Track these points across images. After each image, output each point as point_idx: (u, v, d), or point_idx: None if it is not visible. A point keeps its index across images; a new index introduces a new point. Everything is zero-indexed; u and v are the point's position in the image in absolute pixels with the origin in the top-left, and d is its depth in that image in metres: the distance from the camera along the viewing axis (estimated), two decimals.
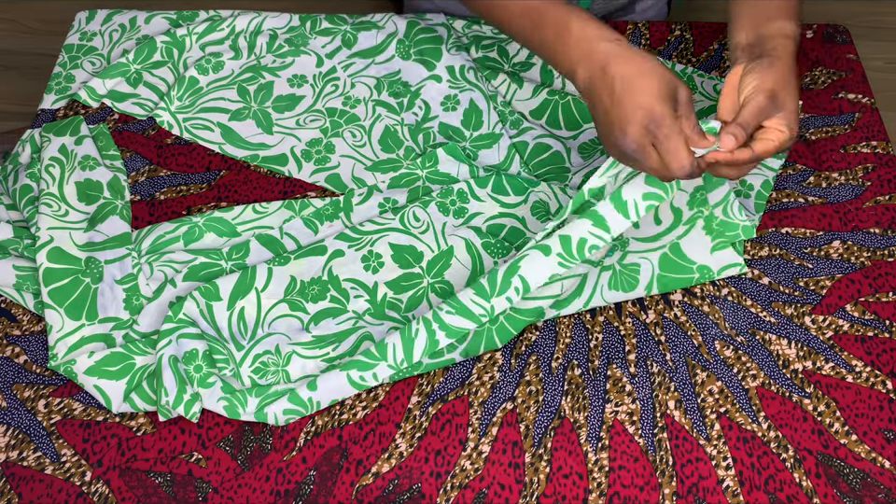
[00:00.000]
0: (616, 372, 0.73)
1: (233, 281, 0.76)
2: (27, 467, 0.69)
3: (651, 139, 0.64)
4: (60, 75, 0.95)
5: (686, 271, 0.77)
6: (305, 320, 0.76)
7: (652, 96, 0.64)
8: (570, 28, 0.69)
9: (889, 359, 0.73)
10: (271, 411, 0.69)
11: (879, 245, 0.80)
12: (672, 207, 0.79)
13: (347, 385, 0.70)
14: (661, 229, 0.79)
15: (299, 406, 0.70)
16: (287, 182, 0.86)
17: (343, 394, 0.71)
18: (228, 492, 0.67)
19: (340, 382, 0.70)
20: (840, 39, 0.96)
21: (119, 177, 0.85)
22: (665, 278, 0.77)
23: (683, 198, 0.78)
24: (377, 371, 0.70)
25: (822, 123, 0.89)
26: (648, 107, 0.64)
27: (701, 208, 0.78)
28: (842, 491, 0.66)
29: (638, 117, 0.64)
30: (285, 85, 0.93)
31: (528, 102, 0.90)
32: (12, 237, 0.80)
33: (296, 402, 0.70)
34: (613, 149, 0.67)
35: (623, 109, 0.65)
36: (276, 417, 0.70)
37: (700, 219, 0.78)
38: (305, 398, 0.70)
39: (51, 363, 0.73)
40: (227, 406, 0.69)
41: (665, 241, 0.78)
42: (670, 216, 0.79)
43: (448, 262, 0.78)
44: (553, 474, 0.68)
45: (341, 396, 0.71)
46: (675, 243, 0.78)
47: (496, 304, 0.70)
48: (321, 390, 0.70)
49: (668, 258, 0.78)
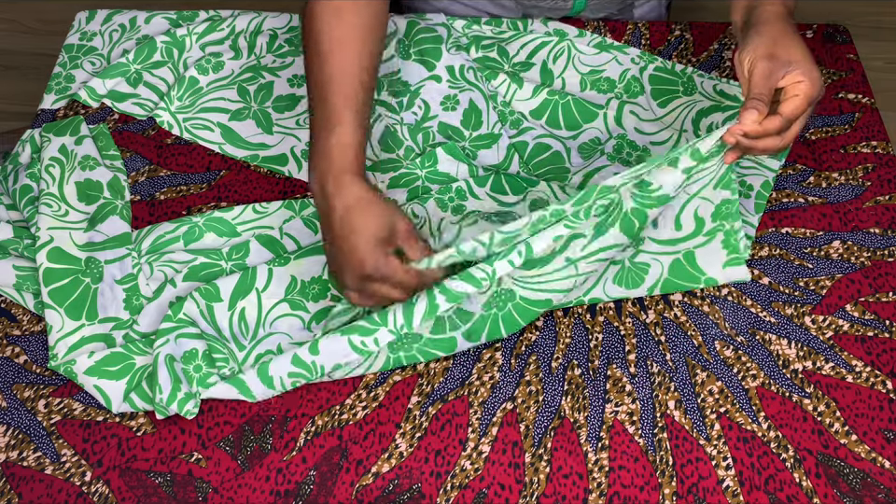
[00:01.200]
0: (616, 372, 0.73)
1: (234, 282, 0.76)
2: (27, 467, 0.69)
3: (368, 282, 0.68)
4: (60, 75, 0.95)
5: (693, 280, 0.77)
6: (307, 319, 0.76)
7: (367, 244, 0.67)
8: (334, 133, 0.70)
9: (889, 359, 0.73)
10: (276, 374, 0.70)
11: (879, 244, 0.80)
12: (696, 216, 0.77)
13: (349, 349, 0.69)
14: (680, 234, 0.78)
15: (303, 370, 0.70)
16: (286, 182, 0.86)
17: (345, 358, 0.70)
18: (228, 492, 0.67)
19: (341, 345, 0.70)
20: (840, 39, 0.96)
21: (119, 177, 0.85)
22: (671, 282, 0.77)
23: (709, 208, 0.77)
24: (378, 335, 0.69)
25: (822, 123, 0.89)
26: (360, 257, 0.67)
27: (723, 221, 0.77)
28: (842, 491, 0.66)
29: (352, 265, 0.68)
30: (285, 85, 0.93)
31: (528, 102, 0.90)
32: (12, 237, 0.80)
33: (300, 365, 0.70)
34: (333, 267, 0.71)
35: (342, 249, 0.68)
36: (282, 381, 0.70)
37: (721, 233, 0.77)
38: (308, 361, 0.70)
39: (51, 363, 0.73)
40: (230, 379, 0.70)
41: (682, 247, 0.77)
42: (692, 224, 0.77)
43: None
44: (553, 474, 0.68)
45: (344, 360, 0.70)
46: (690, 251, 0.77)
47: (497, 268, 0.68)
48: (323, 354, 0.70)
49: (680, 264, 0.77)
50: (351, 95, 0.71)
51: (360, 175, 0.70)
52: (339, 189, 0.69)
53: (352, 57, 0.72)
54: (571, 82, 0.92)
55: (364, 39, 0.74)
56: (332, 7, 0.73)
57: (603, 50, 0.94)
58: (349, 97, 0.71)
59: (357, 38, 0.73)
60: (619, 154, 0.86)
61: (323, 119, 0.71)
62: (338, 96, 0.71)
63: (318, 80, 0.72)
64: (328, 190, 0.69)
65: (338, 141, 0.70)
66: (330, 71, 0.71)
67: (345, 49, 0.72)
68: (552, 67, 0.93)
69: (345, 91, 0.71)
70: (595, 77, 0.92)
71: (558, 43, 0.94)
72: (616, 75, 0.92)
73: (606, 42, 0.95)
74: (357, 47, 0.73)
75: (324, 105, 0.71)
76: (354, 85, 0.72)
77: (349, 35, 0.73)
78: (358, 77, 0.72)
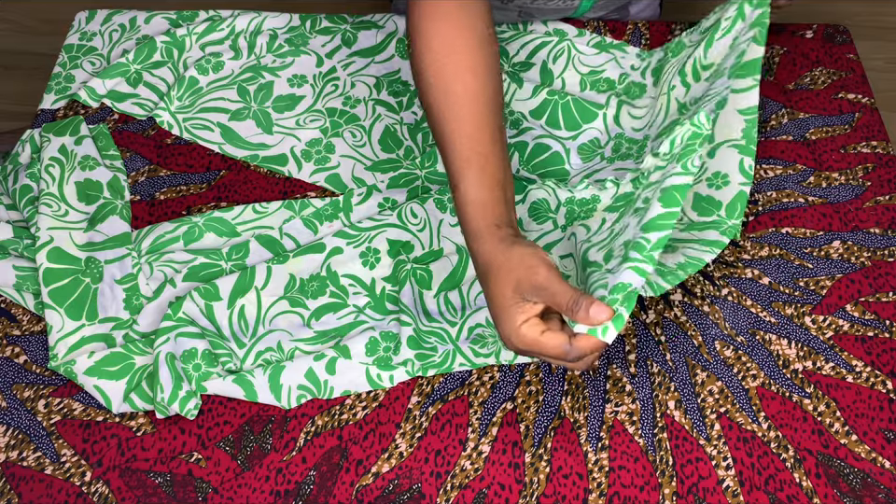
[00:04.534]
0: (616, 372, 0.73)
1: (233, 281, 0.76)
2: (27, 467, 0.69)
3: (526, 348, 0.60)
4: (60, 75, 0.95)
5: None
6: (306, 316, 0.76)
7: (500, 312, 0.60)
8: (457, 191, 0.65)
9: (889, 359, 0.73)
10: (286, 382, 0.71)
11: (879, 244, 0.80)
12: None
13: (363, 379, 0.72)
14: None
15: (313, 385, 0.71)
16: (286, 182, 0.86)
17: (356, 387, 0.72)
18: (228, 492, 0.67)
19: (358, 373, 0.72)
20: (840, 39, 0.96)
21: (119, 177, 0.85)
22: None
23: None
24: (395, 374, 0.72)
25: (822, 123, 0.89)
26: (504, 333, 0.60)
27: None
28: (842, 491, 0.66)
29: (505, 331, 0.60)
30: (285, 85, 0.93)
31: (528, 102, 0.90)
32: (12, 237, 0.80)
33: (312, 381, 0.71)
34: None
35: (496, 318, 0.61)
36: (290, 393, 0.71)
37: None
38: (321, 379, 0.71)
39: (51, 363, 0.73)
40: (237, 379, 0.71)
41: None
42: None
43: (437, 259, 0.79)
44: (553, 474, 0.68)
45: (354, 388, 0.72)
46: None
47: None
48: (338, 375, 0.72)
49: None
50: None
51: (490, 230, 0.63)
52: (472, 252, 0.64)
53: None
54: (571, 82, 0.92)
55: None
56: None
57: (603, 50, 0.94)
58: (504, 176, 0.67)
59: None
60: (617, 152, 0.86)
61: (488, 185, 0.66)
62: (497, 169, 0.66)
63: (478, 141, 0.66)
64: (484, 262, 0.63)
65: (462, 199, 0.65)
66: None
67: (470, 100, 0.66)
68: (551, 67, 0.93)
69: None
70: (595, 78, 0.92)
71: (558, 43, 0.94)
72: (616, 76, 0.92)
73: (605, 42, 0.95)
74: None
75: (485, 167, 0.66)
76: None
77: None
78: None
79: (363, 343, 0.73)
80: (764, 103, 0.90)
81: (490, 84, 0.68)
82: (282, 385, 0.71)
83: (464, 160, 0.65)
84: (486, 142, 0.66)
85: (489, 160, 0.65)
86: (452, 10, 0.68)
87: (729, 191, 0.78)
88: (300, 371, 0.71)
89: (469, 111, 0.66)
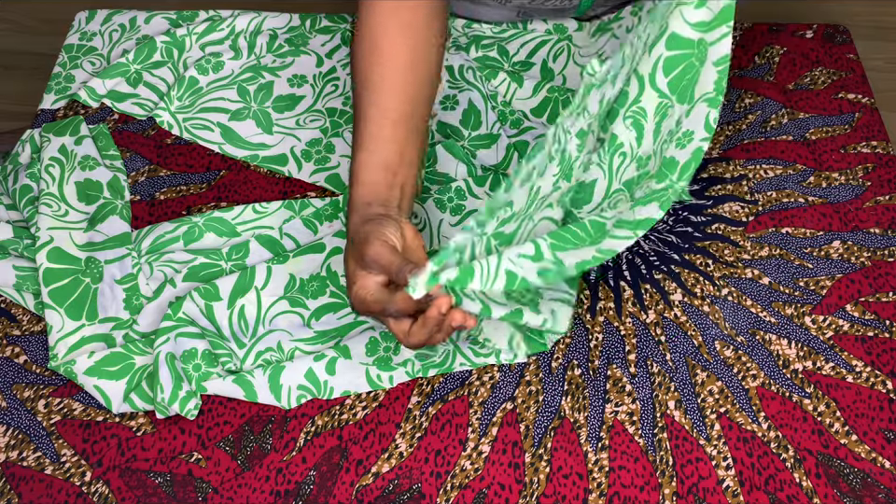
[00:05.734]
0: (616, 372, 0.73)
1: (233, 281, 0.76)
2: (27, 467, 0.69)
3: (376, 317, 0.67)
4: (60, 75, 0.95)
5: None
6: (306, 316, 0.76)
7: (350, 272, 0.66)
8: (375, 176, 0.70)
9: (889, 359, 0.73)
10: (286, 382, 0.71)
11: (879, 244, 0.80)
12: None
13: (363, 380, 0.72)
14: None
15: (313, 386, 0.71)
16: (286, 182, 0.86)
17: (356, 388, 0.72)
18: (228, 492, 0.67)
19: (358, 373, 0.72)
20: (840, 39, 0.96)
21: (119, 177, 0.85)
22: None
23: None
24: (395, 374, 0.72)
25: (822, 123, 0.89)
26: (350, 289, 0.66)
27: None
28: (842, 491, 0.66)
29: (349, 297, 0.67)
30: (285, 85, 0.93)
31: (529, 101, 0.90)
32: (12, 237, 0.80)
33: (311, 381, 0.71)
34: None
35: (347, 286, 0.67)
36: (290, 393, 0.71)
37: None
38: (321, 379, 0.71)
39: (51, 363, 0.73)
40: (237, 379, 0.71)
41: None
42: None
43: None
44: (553, 474, 0.68)
45: (354, 389, 0.72)
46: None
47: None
48: (338, 375, 0.71)
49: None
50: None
51: (362, 207, 0.70)
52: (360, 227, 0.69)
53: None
54: (572, 76, 0.92)
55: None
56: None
57: (603, 32, 0.93)
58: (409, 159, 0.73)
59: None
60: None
61: (373, 154, 0.71)
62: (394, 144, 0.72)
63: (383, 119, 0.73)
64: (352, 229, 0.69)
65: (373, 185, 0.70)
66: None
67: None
68: (552, 66, 0.93)
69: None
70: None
71: (558, 41, 0.94)
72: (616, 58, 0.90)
73: (605, 24, 0.94)
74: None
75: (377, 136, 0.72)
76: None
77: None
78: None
79: (363, 344, 0.73)
80: (764, 103, 0.91)
81: (411, 78, 0.73)
82: (282, 386, 0.71)
83: (364, 136, 0.71)
84: (387, 127, 0.71)
85: (385, 146, 0.71)
86: (402, 10, 0.73)
87: (690, 149, 0.71)
88: (300, 372, 0.71)
89: (387, 87, 0.72)
